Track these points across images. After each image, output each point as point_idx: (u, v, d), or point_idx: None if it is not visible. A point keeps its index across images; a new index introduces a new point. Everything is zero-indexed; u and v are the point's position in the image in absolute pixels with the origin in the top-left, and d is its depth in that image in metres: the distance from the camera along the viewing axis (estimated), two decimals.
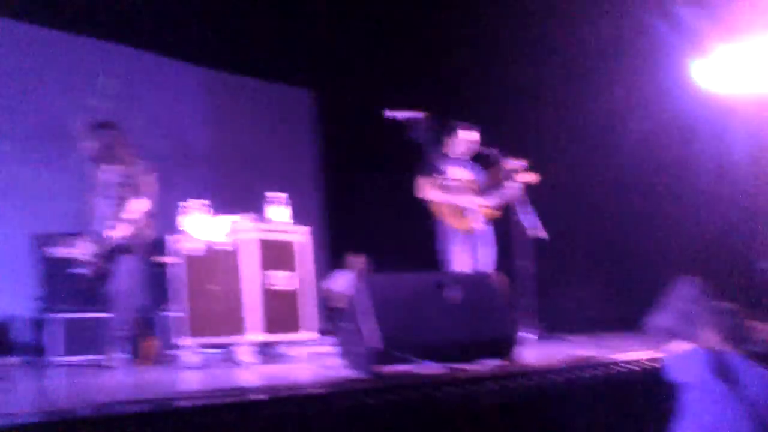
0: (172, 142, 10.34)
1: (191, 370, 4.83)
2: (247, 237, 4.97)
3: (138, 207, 5.50)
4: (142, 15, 9.03)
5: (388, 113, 5.49)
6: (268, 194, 5.45)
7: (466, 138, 6.50)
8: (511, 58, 8.39)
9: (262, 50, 10.20)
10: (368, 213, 9.90)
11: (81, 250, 5.62)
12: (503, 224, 6.53)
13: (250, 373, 4.21)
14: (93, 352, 6.75)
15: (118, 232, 5.41)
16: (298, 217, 5.42)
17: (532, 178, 6.35)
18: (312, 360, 4.93)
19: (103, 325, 7.02)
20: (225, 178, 10.33)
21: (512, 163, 6.28)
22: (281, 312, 5.02)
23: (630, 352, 3.81)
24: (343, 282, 9.37)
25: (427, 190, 6.27)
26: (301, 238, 5.31)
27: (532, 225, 6.16)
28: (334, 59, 10.47)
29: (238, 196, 8.22)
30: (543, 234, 6.11)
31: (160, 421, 2.42)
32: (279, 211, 5.29)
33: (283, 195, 5.31)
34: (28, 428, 2.25)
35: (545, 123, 8.10)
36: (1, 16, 8.63)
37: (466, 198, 6.26)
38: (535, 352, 4.39)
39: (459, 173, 6.41)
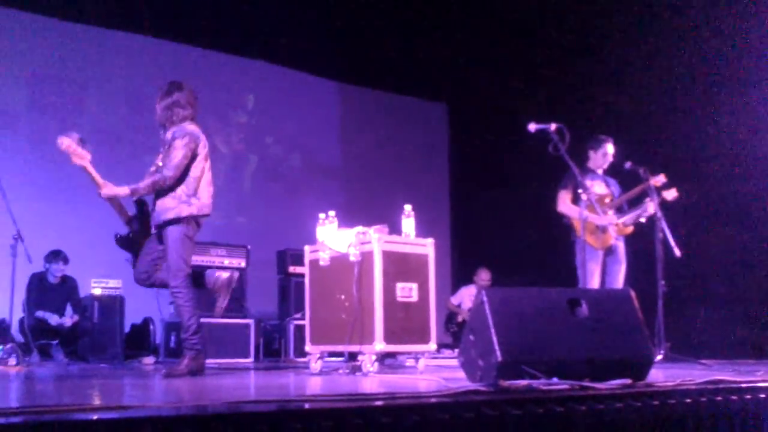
0: (306, 154, 10.65)
1: (315, 376, 4.95)
2: (372, 248, 5.04)
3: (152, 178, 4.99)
4: (278, 31, 9.37)
5: (530, 126, 5.45)
6: (396, 206, 5.50)
7: (604, 151, 6.42)
8: (647, 71, 8.17)
9: (398, 64, 10.34)
10: (495, 227, 9.84)
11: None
12: (636, 240, 6.35)
13: (372, 382, 4.25)
14: (221, 354, 7.04)
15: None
16: (425, 230, 5.45)
17: (670, 193, 6.15)
18: (433, 371, 4.93)
19: (231, 330, 7.32)
20: (355, 190, 10.53)
21: (654, 177, 6.11)
22: (403, 323, 5.05)
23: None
24: (468, 295, 9.34)
25: (566, 205, 6.21)
26: (427, 250, 5.33)
27: (667, 242, 5.95)
28: (469, 73, 10.49)
29: (368, 207, 8.37)
30: (677, 251, 5.89)
31: (286, 421, 2.48)
32: (405, 223, 5.34)
33: (409, 207, 5.35)
34: (162, 420, 2.36)
35: (679, 137, 7.82)
36: (146, 35, 9.17)
37: (604, 214, 6.14)
38: (662, 372, 4.22)
39: (597, 187, 6.31)
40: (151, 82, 9.36)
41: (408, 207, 5.36)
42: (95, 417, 2.38)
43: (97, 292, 7.09)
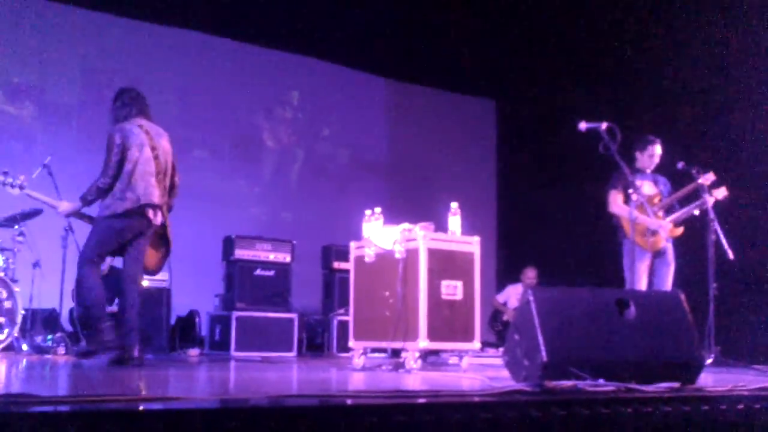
0: (352, 151, 10.67)
1: (357, 371, 4.95)
2: (418, 245, 5.02)
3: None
4: (327, 27, 9.39)
5: (580, 125, 5.36)
6: (442, 204, 5.47)
7: (651, 152, 6.32)
8: (695, 68, 8.00)
9: (446, 61, 10.29)
10: (542, 226, 9.74)
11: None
12: (686, 242, 6.23)
13: (415, 379, 4.23)
14: (265, 347, 7.10)
15: None
16: (471, 228, 5.41)
17: (721, 192, 6.02)
18: (476, 370, 4.89)
19: (275, 324, 7.38)
20: (402, 186, 10.51)
21: (703, 176, 5.98)
22: (448, 321, 5.03)
23: None
24: (514, 294, 9.26)
25: (618, 206, 6.13)
26: (473, 248, 5.29)
27: (720, 244, 5.83)
28: (518, 69, 10.40)
29: (414, 204, 8.36)
30: (730, 254, 5.76)
31: (329, 416, 2.48)
32: (452, 221, 5.30)
33: (456, 205, 5.32)
34: (206, 412, 2.38)
35: (732, 136, 7.64)
36: (196, 30, 9.27)
37: (654, 215, 6.04)
38: (712, 377, 4.12)
39: (646, 187, 6.21)
40: (199, 77, 9.49)
41: (454, 205, 5.33)
42: (141, 407, 2.41)
43: (144, 284, 7.18)
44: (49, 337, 6.51)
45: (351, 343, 5.40)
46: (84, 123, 8.62)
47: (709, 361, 5.49)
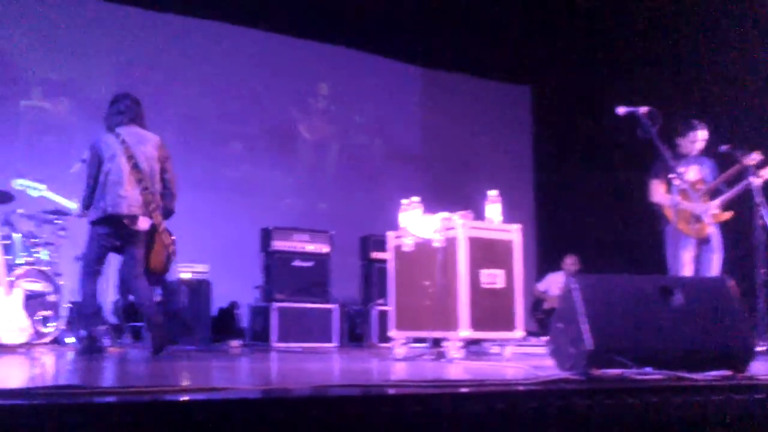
0: (387, 140, 10.65)
1: (399, 361, 4.93)
2: (457, 234, 4.97)
3: None
4: (360, 16, 9.35)
5: (618, 109, 5.23)
6: (478, 191, 5.42)
7: (693, 138, 6.15)
8: (737, 46, 7.81)
9: (479, 47, 10.19)
10: (581, 212, 9.62)
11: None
12: (732, 227, 6.09)
13: (458, 368, 4.20)
14: (305, 338, 7.12)
15: None
16: (510, 215, 5.35)
17: (767, 172, 5.85)
18: (520, 359, 4.84)
19: (314, 315, 7.39)
20: (438, 175, 10.47)
21: (749, 157, 5.80)
22: (490, 310, 4.98)
23: None
24: (555, 282, 9.17)
25: (660, 195, 6.00)
26: (512, 236, 5.23)
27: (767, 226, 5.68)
28: (553, 54, 10.26)
29: (451, 193, 8.31)
30: None
31: (371, 406, 2.46)
32: (491, 209, 5.25)
33: (495, 192, 5.26)
34: (250, 403, 2.38)
35: None
36: (233, 24, 9.31)
37: (698, 202, 5.90)
38: (765, 365, 4.02)
39: (690, 172, 6.06)
40: (234, 70, 9.52)
41: (493, 192, 5.27)
42: (186, 398, 2.41)
43: (185, 276, 7.24)
44: None
45: (392, 333, 5.38)
46: None
47: (761, 348, 5.36)
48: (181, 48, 9.14)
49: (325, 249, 7.82)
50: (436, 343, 5.20)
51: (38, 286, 6.30)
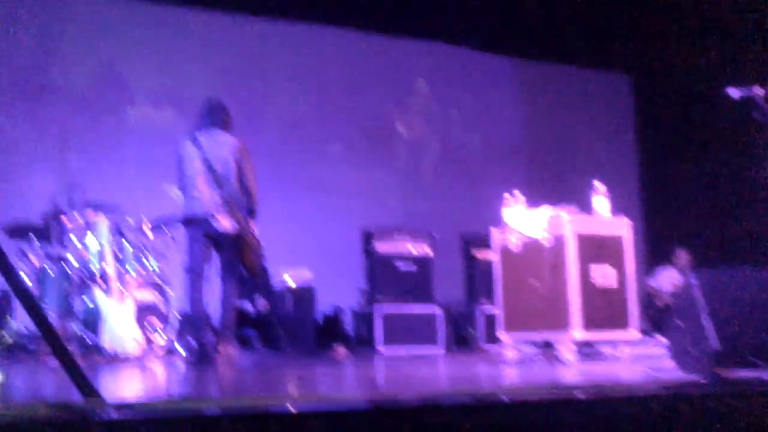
0: (486, 134, 10.49)
1: (510, 365, 4.78)
2: (565, 231, 4.79)
3: None
4: (455, 11, 9.21)
5: (730, 92, 4.92)
6: (579, 184, 5.22)
7: None
8: None
9: (577, 36, 9.88)
10: (692, 204, 9.19)
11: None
12: None
13: (573, 371, 4.03)
14: (410, 343, 7.03)
15: None
16: (614, 208, 5.13)
17: None
18: (637, 360, 4.61)
19: (419, 318, 7.31)
20: (539, 170, 10.24)
21: None
22: (603, 309, 4.79)
23: None
24: (667, 278, 8.80)
25: None
26: (623, 231, 5.00)
27: None
28: (654, 40, 9.84)
29: (552, 186, 8.08)
30: None
31: (485, 415, 2.35)
32: (599, 202, 5.04)
33: (601, 185, 5.04)
34: (356, 414, 2.31)
35: None
36: (328, 25, 9.36)
37: None
38: None
39: None
40: (331, 71, 9.57)
41: (600, 185, 5.05)
42: (291, 407, 2.36)
43: (291, 283, 7.29)
44: None
45: (501, 335, 5.23)
46: None
47: None
48: (276, 52, 9.25)
49: (427, 249, 7.71)
50: (547, 345, 5.02)
51: (149, 297, 6.45)
